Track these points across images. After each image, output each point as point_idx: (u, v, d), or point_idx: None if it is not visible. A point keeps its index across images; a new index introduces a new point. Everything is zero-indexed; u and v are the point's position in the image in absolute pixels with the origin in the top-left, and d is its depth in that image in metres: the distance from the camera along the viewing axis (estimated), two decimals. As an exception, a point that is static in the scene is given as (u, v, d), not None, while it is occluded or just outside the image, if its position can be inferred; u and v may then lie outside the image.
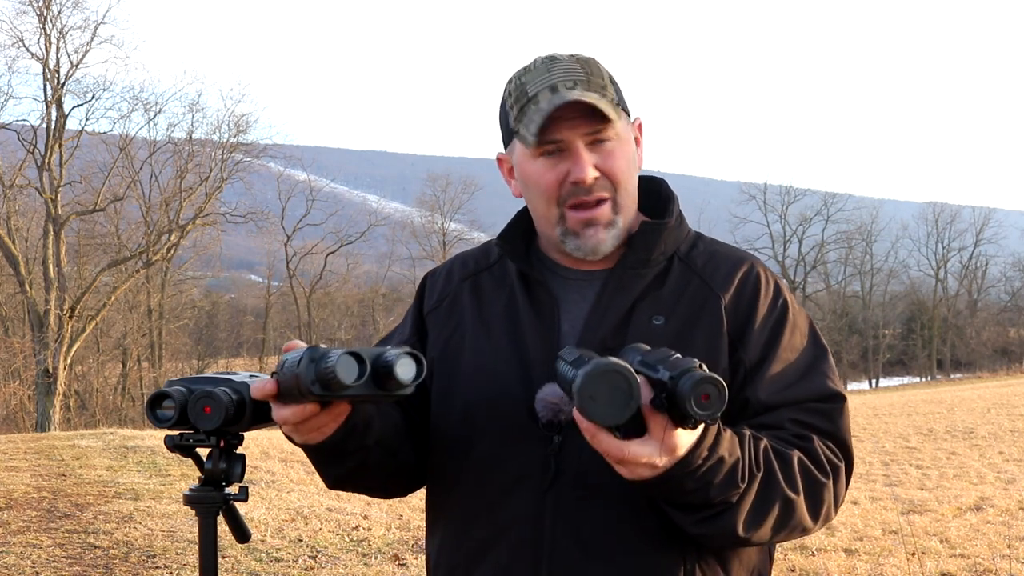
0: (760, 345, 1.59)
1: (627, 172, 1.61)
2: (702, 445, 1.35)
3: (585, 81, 1.57)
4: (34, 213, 33.08)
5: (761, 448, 1.47)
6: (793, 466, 1.49)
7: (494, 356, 1.64)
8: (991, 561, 6.80)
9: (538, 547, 1.55)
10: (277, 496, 9.18)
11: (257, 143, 35.69)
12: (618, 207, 1.61)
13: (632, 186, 1.64)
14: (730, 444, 1.40)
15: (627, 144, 1.62)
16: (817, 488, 1.51)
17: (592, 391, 1.24)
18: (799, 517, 1.49)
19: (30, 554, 6.67)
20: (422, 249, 53.92)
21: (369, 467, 1.60)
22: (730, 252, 1.70)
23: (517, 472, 1.56)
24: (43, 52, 30.15)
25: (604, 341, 1.57)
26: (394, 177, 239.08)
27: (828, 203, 60.17)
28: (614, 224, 1.61)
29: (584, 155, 1.57)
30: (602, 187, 1.59)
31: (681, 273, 1.64)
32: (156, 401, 1.67)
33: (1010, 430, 16.47)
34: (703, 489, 1.38)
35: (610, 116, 1.56)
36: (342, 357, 1.30)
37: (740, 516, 1.43)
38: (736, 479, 1.40)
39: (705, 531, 1.44)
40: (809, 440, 1.54)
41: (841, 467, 1.57)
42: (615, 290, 1.62)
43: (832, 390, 1.60)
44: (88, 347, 34.72)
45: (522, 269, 1.69)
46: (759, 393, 1.56)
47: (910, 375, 58.49)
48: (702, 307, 1.61)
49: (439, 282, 1.80)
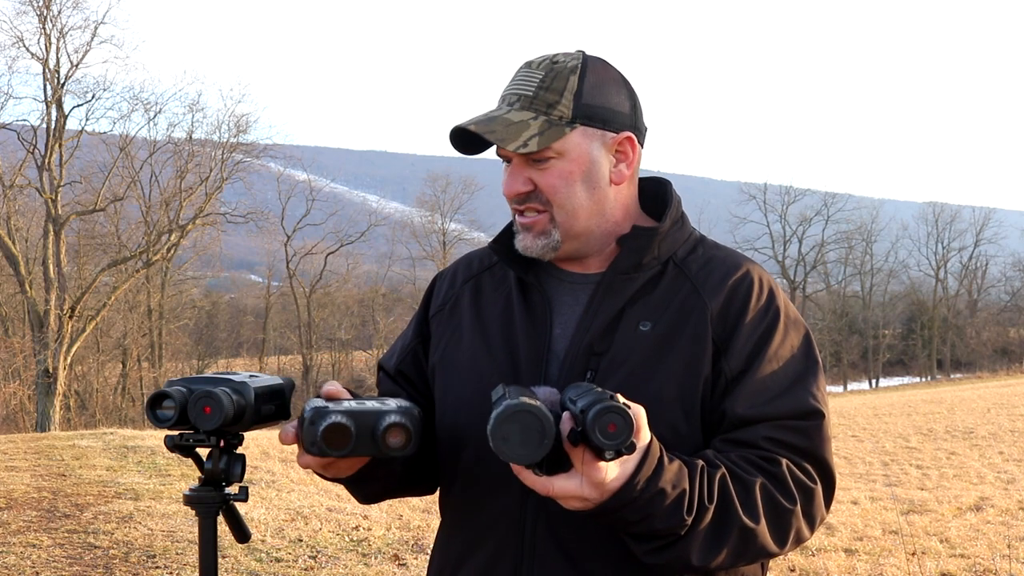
0: (743, 356, 1.57)
1: (563, 190, 1.60)
2: (638, 477, 1.35)
3: (530, 96, 1.59)
4: (34, 213, 33.07)
5: (716, 478, 1.45)
6: (755, 494, 1.47)
7: (487, 357, 1.66)
8: (991, 561, 6.81)
9: (519, 548, 1.57)
10: (277, 496, 9.18)
11: (257, 143, 35.72)
12: (555, 221, 1.62)
13: (575, 204, 1.61)
14: (675, 476, 1.39)
15: (573, 161, 1.60)
16: (781, 514, 1.49)
17: (504, 432, 1.25)
18: (760, 544, 1.48)
19: (30, 554, 6.67)
20: (422, 249, 53.90)
21: (398, 483, 1.67)
22: (727, 257, 1.68)
23: (501, 473, 1.57)
24: (43, 52, 30.14)
25: (592, 346, 1.59)
26: (394, 177, 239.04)
27: (828, 203, 60.16)
28: (547, 234, 1.62)
29: (514, 170, 1.61)
30: (535, 200, 1.61)
31: (674, 278, 1.64)
32: (156, 401, 1.67)
33: (1010, 430, 16.47)
34: (645, 521, 1.38)
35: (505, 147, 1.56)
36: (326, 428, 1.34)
37: (692, 547, 1.42)
38: (681, 512, 1.39)
39: (656, 560, 1.44)
40: (777, 464, 1.51)
41: (815, 488, 1.54)
42: (605, 294, 1.62)
43: (811, 407, 1.56)
44: (88, 347, 34.71)
45: (517, 273, 1.70)
46: (736, 407, 1.54)
47: (910, 375, 58.44)
48: (689, 314, 1.60)
49: (444, 285, 1.82)
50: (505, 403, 1.27)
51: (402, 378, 1.80)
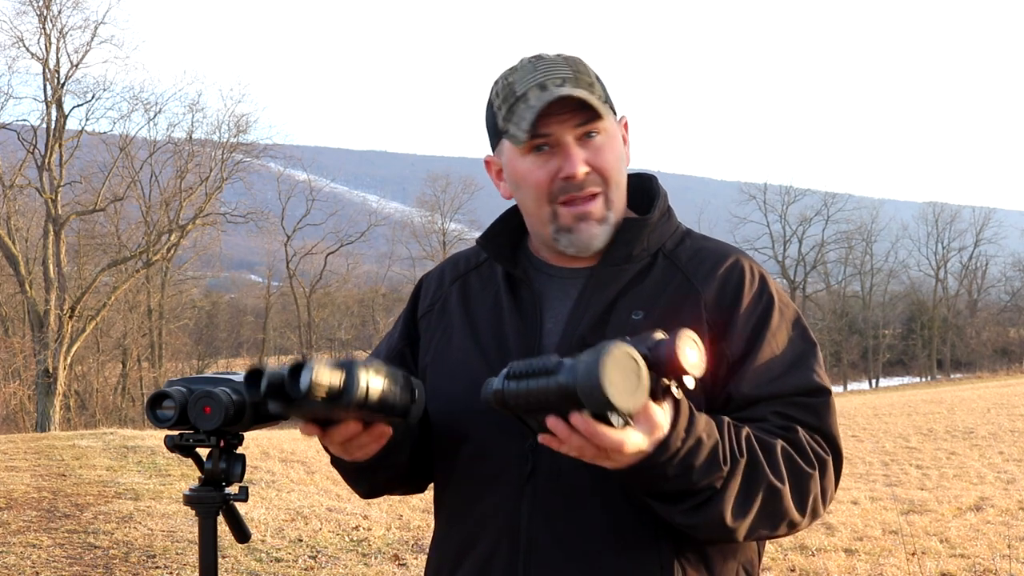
0: (744, 338, 1.58)
1: (617, 168, 1.63)
2: (678, 425, 1.35)
3: (573, 79, 1.58)
4: (34, 213, 33.09)
5: (743, 435, 1.46)
6: (777, 454, 1.48)
7: (478, 355, 1.66)
8: (991, 561, 6.80)
9: (516, 543, 1.57)
10: (277, 496, 9.18)
11: (257, 143, 35.76)
12: (609, 202, 1.62)
13: (622, 182, 1.65)
14: (707, 426, 1.40)
15: (616, 140, 1.63)
16: (803, 478, 1.49)
17: (613, 378, 1.21)
18: (785, 507, 1.47)
19: (30, 554, 6.67)
20: (422, 249, 53.91)
21: (399, 477, 1.69)
22: (716, 247, 1.69)
23: (496, 469, 1.58)
24: (43, 52, 30.19)
25: (584, 337, 1.58)
26: (394, 177, 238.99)
27: (828, 203, 60.17)
28: (606, 220, 1.62)
29: (575, 150, 1.58)
30: (593, 182, 1.60)
31: (664, 269, 1.65)
32: (156, 401, 1.67)
33: (1010, 430, 16.46)
34: (685, 474, 1.38)
35: (600, 111, 1.57)
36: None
37: (727, 504, 1.42)
38: (718, 461, 1.39)
39: (692, 521, 1.43)
40: (794, 431, 1.52)
41: (828, 460, 1.55)
42: (596, 286, 1.63)
43: (817, 384, 1.58)
44: (88, 347, 34.71)
45: (507, 268, 1.70)
46: (742, 387, 1.55)
47: (910, 375, 58.44)
48: (682, 302, 1.60)
49: (432, 286, 1.83)
50: (605, 347, 1.22)
51: None
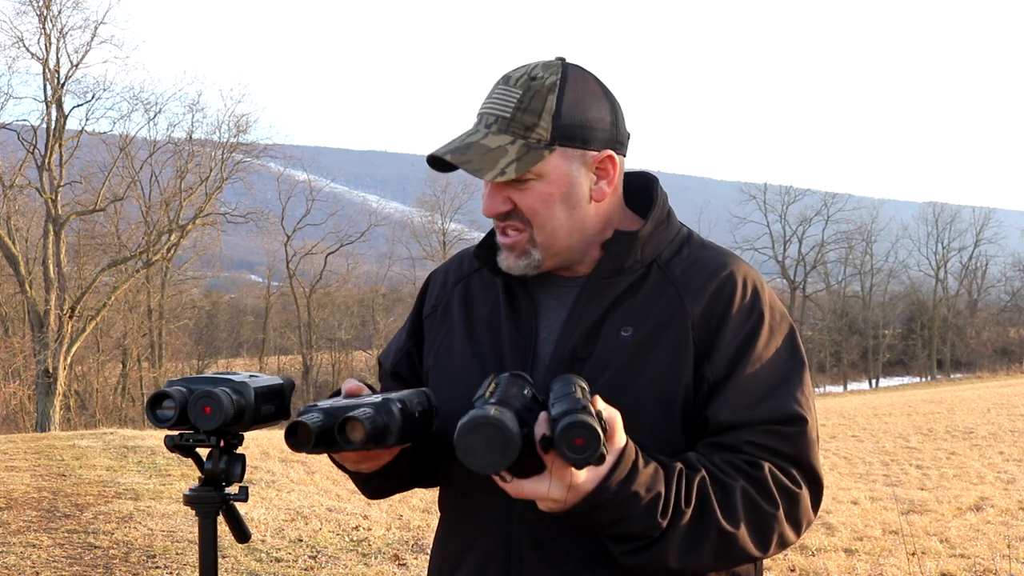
0: (726, 361, 1.57)
1: (543, 211, 1.60)
2: (611, 480, 1.36)
3: (508, 118, 1.57)
4: (34, 213, 33.06)
5: (696, 481, 1.45)
6: (735, 498, 1.47)
7: (475, 362, 1.67)
8: (991, 561, 6.81)
9: (506, 553, 1.59)
10: (277, 496, 9.18)
11: (257, 143, 35.71)
12: (534, 243, 1.62)
13: (556, 224, 1.61)
14: (650, 479, 1.40)
15: (553, 183, 1.59)
16: (763, 518, 1.49)
17: (468, 443, 1.27)
18: (740, 548, 1.48)
19: (30, 554, 6.67)
20: (422, 249, 53.88)
21: (406, 480, 1.73)
22: (712, 258, 1.67)
23: (488, 483, 1.58)
24: (43, 52, 30.14)
25: (575, 350, 1.60)
26: (394, 177, 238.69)
27: (828, 203, 60.15)
28: (527, 255, 1.63)
29: (491, 192, 1.61)
30: (515, 219, 1.61)
31: (657, 282, 1.63)
32: (156, 401, 1.67)
33: (1010, 430, 16.47)
34: (619, 523, 1.39)
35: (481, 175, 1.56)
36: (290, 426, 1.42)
37: (670, 549, 1.42)
38: (655, 515, 1.40)
39: (634, 562, 1.44)
40: (760, 468, 1.51)
41: (800, 493, 1.54)
42: (588, 299, 1.63)
43: (795, 412, 1.56)
44: (88, 347, 34.70)
45: (503, 279, 1.71)
46: (719, 412, 1.54)
47: (910, 375, 58.43)
48: (670, 319, 1.60)
49: (437, 286, 1.84)
50: (470, 414, 1.28)
51: (398, 379, 1.83)
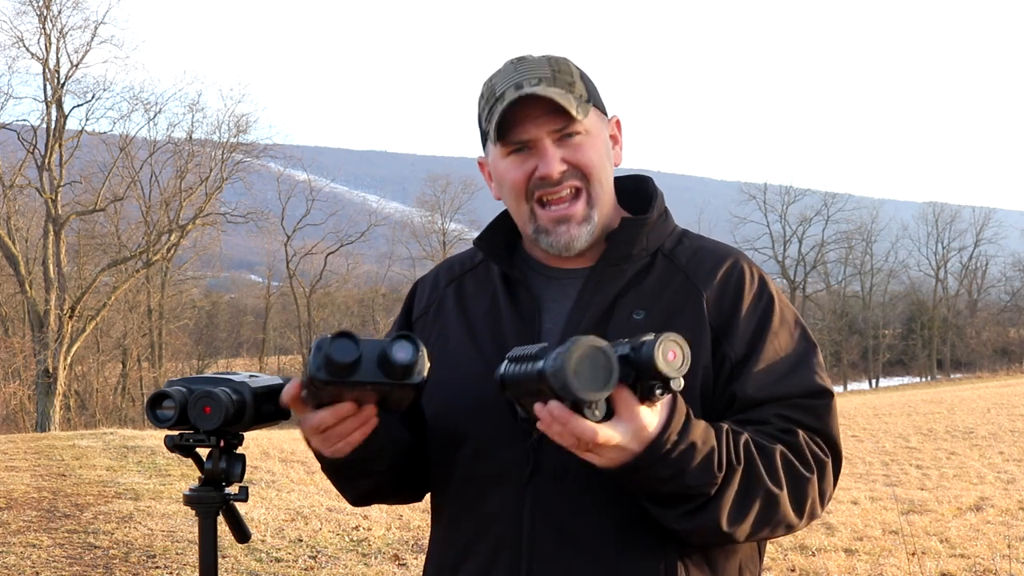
0: (746, 339, 1.59)
1: (599, 164, 1.62)
2: (670, 428, 1.36)
3: (551, 78, 1.59)
4: (34, 213, 33.07)
5: (741, 441, 1.46)
6: (775, 460, 1.48)
7: (477, 356, 1.65)
8: (991, 561, 6.81)
9: (518, 543, 1.56)
10: (277, 496, 9.18)
11: (257, 143, 35.76)
12: (592, 200, 1.62)
13: (606, 180, 1.65)
14: (703, 433, 1.41)
15: (598, 139, 1.63)
16: (800, 483, 1.51)
17: (577, 367, 1.27)
18: (782, 512, 1.49)
19: (30, 554, 6.67)
20: (422, 249, 53.87)
21: (385, 485, 1.67)
22: (715, 248, 1.70)
23: (497, 469, 1.58)
24: (43, 52, 30.18)
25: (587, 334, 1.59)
26: (394, 177, 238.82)
27: (828, 203, 60.13)
28: (588, 220, 1.62)
29: (550, 150, 1.59)
30: (572, 177, 1.60)
31: (664, 268, 1.65)
32: (156, 401, 1.67)
33: (1010, 430, 16.46)
34: (677, 476, 1.39)
35: (573, 111, 1.57)
36: (335, 339, 1.33)
37: (723, 509, 1.42)
38: (712, 468, 1.40)
39: (688, 526, 1.44)
40: (794, 435, 1.53)
41: (828, 463, 1.56)
42: (596, 287, 1.63)
43: (820, 386, 1.59)
44: (88, 347, 34.70)
45: (503, 269, 1.70)
46: (746, 388, 1.56)
47: (910, 375, 58.41)
48: (684, 302, 1.61)
49: (427, 289, 1.83)
50: (577, 339, 1.28)
51: None
